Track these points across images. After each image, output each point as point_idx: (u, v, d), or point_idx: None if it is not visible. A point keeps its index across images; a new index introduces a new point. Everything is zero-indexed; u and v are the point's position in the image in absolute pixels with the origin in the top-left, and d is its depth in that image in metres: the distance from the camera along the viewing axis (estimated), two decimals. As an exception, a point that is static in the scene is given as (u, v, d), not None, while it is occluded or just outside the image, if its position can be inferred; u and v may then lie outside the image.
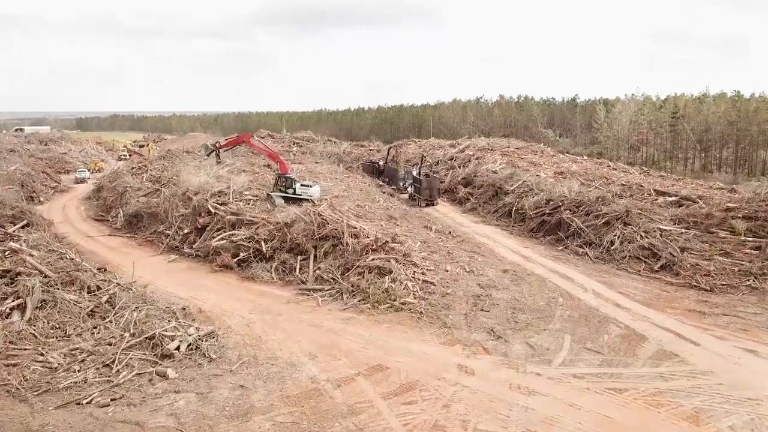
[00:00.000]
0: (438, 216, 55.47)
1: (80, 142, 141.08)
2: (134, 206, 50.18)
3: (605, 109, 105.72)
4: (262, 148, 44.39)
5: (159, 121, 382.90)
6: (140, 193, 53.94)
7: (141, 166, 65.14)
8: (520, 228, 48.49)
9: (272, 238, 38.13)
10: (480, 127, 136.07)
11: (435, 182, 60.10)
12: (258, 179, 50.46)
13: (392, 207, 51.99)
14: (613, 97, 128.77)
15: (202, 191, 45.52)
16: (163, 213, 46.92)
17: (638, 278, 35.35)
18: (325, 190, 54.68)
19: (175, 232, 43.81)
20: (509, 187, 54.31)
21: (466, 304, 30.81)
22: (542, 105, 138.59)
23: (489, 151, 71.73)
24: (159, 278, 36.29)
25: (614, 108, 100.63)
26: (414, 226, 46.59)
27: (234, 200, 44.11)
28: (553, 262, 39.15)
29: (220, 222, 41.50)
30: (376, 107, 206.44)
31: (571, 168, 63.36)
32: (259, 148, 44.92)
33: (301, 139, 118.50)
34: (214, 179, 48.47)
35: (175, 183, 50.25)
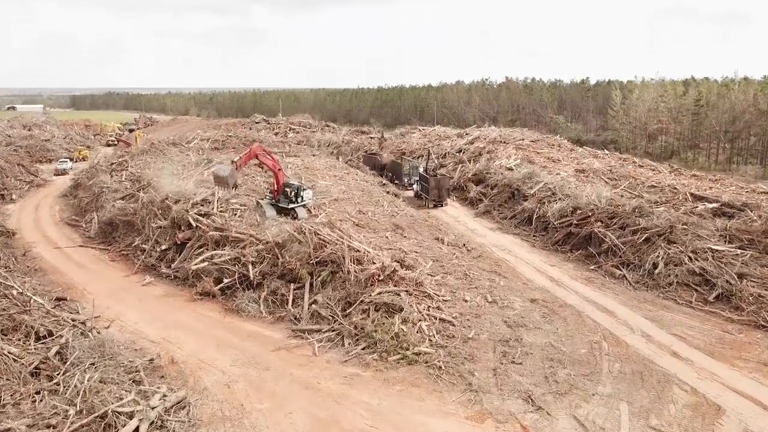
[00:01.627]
0: (448, 221, 50.08)
1: (67, 126, 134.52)
2: (109, 212, 44.63)
3: (621, 93, 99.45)
4: (269, 164, 39.19)
5: (154, 99, 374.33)
6: (117, 195, 48.36)
7: (121, 161, 59.43)
8: (542, 239, 43.14)
9: (261, 261, 32.73)
10: (486, 111, 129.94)
11: (444, 181, 54.56)
12: (247, 182, 44.86)
13: (398, 212, 46.51)
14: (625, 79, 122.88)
15: (183, 199, 39.98)
16: (139, 222, 41.44)
17: (691, 313, 30.08)
18: (323, 191, 49.20)
19: (152, 247, 38.36)
20: (528, 190, 48.79)
21: (494, 353, 25.55)
22: (550, 87, 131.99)
23: (501, 143, 66.05)
24: (129, 310, 30.97)
25: (632, 93, 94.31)
26: (424, 238, 41.18)
27: (219, 210, 38.58)
28: (586, 287, 33.87)
29: (202, 238, 36.03)
30: (376, 88, 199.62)
31: (593, 165, 57.84)
32: (267, 164, 39.67)
33: (298, 124, 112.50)
34: (196, 184, 42.85)
35: (155, 187, 44.63)
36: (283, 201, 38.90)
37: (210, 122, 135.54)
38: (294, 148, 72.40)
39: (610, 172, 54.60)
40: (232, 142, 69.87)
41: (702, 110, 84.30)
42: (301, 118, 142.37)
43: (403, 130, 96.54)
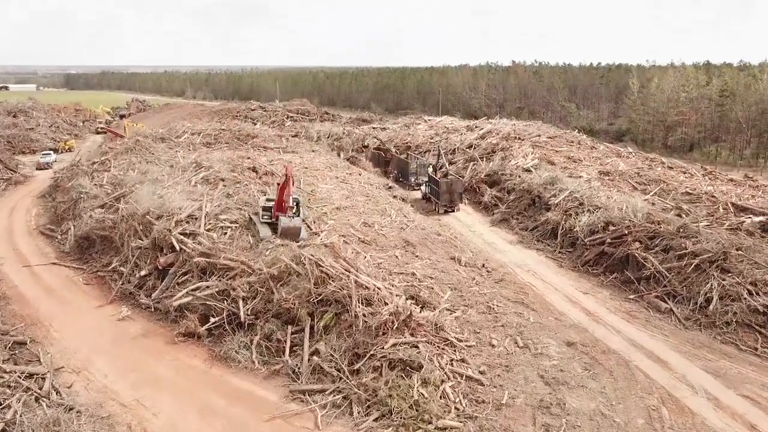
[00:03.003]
0: (461, 231, 45.51)
1: (55, 111, 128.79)
2: (86, 224, 39.94)
3: (638, 82, 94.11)
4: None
5: (149, 79, 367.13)
6: (96, 202, 43.59)
7: (104, 161, 54.53)
8: (570, 257, 38.63)
9: (253, 296, 28.19)
10: (492, 97, 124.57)
11: (457, 185, 49.85)
12: (239, 192, 40.10)
13: (407, 224, 41.84)
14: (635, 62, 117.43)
15: (167, 215, 35.28)
16: (118, 239, 36.81)
17: (758, 363, 25.71)
18: (324, 198, 44.56)
19: (131, 271, 33.76)
20: (551, 198, 44.12)
21: (533, 425, 21.13)
22: (559, 71, 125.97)
23: (516, 140, 61.17)
24: (100, 356, 26.51)
25: (650, 82, 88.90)
26: (438, 258, 36.59)
27: (206, 229, 33.92)
28: (629, 325, 29.42)
29: (187, 263, 31.43)
30: (377, 70, 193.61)
31: (618, 166, 53.11)
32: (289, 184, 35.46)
33: (296, 112, 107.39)
34: (182, 196, 38.12)
35: (136, 198, 39.89)
36: (286, 220, 33.48)
37: (205, 107, 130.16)
38: (292, 143, 67.40)
39: (638, 176, 49.94)
40: (224, 137, 64.86)
41: (727, 101, 79.32)
42: (299, 104, 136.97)
43: (407, 121, 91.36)
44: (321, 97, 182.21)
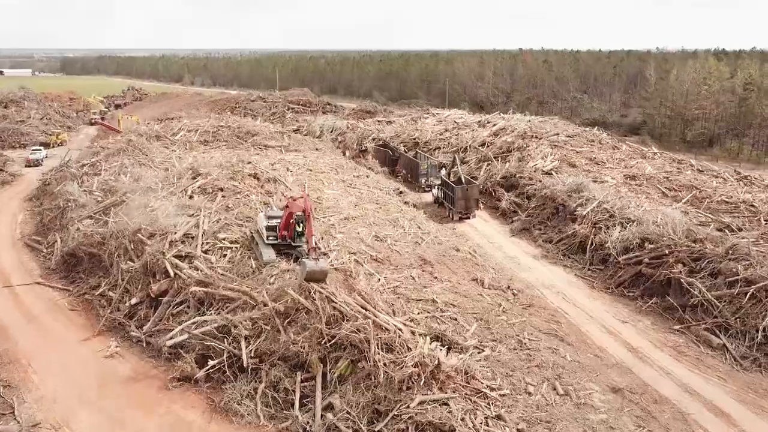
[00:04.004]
0: (480, 241, 42.25)
1: (49, 100, 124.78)
2: (73, 239, 36.61)
3: (655, 73, 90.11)
4: (298, 206, 30.19)
5: (146, 63, 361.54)
6: (84, 212, 40.25)
7: (94, 163, 51.02)
8: (602, 276, 35.40)
9: (257, 333, 24.95)
10: (500, 86, 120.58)
11: (473, 191, 46.49)
12: (240, 204, 36.67)
13: (422, 236, 38.50)
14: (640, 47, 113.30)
15: (159, 233, 31.96)
16: (107, 258, 33.51)
17: (835, 417, 22.48)
18: (331, 206, 41.18)
19: (120, 296, 30.52)
20: (577, 208, 40.74)
21: (588, 507, 17.95)
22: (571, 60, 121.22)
23: (533, 139, 57.62)
24: (82, 406, 23.39)
25: (669, 73, 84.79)
26: (459, 278, 33.29)
27: (203, 250, 30.60)
28: (679, 365, 26.26)
29: (183, 292, 28.17)
30: (379, 56, 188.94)
31: (645, 169, 49.69)
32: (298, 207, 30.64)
33: (297, 103, 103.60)
34: (177, 210, 34.74)
35: (127, 211, 36.55)
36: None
37: (203, 97, 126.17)
38: (294, 140, 63.84)
39: (667, 180, 46.54)
40: (223, 134, 61.30)
41: (752, 94, 75.54)
42: (300, 93, 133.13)
43: (414, 114, 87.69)
44: (322, 85, 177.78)
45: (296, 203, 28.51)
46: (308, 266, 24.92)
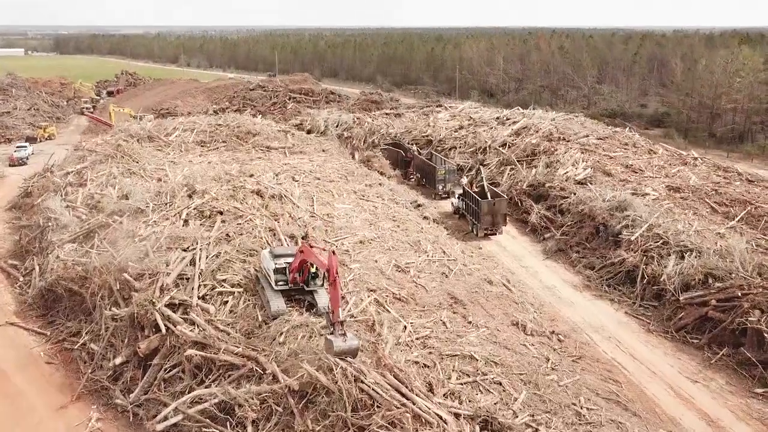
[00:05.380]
0: (510, 265, 37.84)
1: (38, 86, 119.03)
2: (53, 271, 32.02)
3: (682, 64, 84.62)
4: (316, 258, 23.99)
5: (140, 43, 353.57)
6: (66, 235, 35.62)
7: (80, 170, 46.17)
8: (657, 315, 30.97)
9: (267, 415, 20.53)
10: (510, 73, 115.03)
11: (500, 206, 41.87)
12: (242, 232, 31.94)
13: (448, 265, 33.99)
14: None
15: (149, 274, 27.39)
16: (89, 298, 29.00)
17: None
18: (344, 226, 36.59)
19: (104, 351, 26.10)
20: (622, 230, 36.10)
21: None
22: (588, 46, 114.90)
23: (561, 141, 52.76)
24: None
25: (698, 63, 79.21)
26: (497, 323, 28.84)
27: (200, 296, 26.06)
28: (772, 446, 21.88)
29: (176, 352, 23.72)
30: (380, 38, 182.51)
31: (689, 179, 45.01)
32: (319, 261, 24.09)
33: (298, 92, 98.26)
34: (170, 240, 30.11)
35: (113, 240, 31.95)
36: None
37: (199, 84, 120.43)
38: (298, 140, 58.91)
39: (716, 193, 41.91)
40: (221, 134, 56.37)
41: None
42: (301, 79, 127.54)
43: (424, 105, 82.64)
44: (323, 68, 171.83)
45: (316, 255, 23.62)
46: (336, 346, 20.43)
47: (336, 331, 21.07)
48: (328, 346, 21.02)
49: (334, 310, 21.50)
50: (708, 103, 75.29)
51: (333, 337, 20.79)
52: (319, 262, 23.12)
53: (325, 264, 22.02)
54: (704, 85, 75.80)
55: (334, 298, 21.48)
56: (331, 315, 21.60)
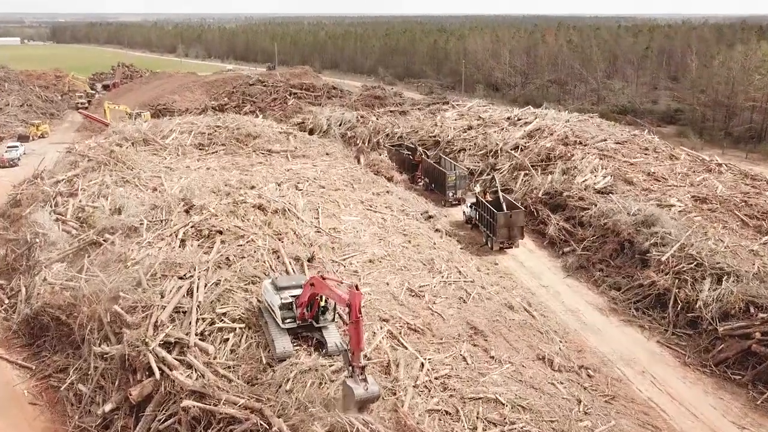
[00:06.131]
0: (530, 283, 35.49)
1: (31, 80, 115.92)
2: (39, 296, 29.69)
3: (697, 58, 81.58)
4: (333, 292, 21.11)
5: (138, 32, 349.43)
6: (54, 254, 33.25)
7: (71, 178, 43.62)
8: (693, 346, 28.64)
9: (275, 482, 18.23)
10: (517, 66, 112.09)
11: (517, 218, 39.42)
12: (244, 255, 29.49)
13: (465, 289, 31.64)
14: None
15: (141, 306, 25.02)
16: (77, 330, 26.65)
17: None
18: (352, 243, 34.21)
19: (93, 393, 23.80)
20: (650, 248, 33.71)
21: None
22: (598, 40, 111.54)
23: (578, 146, 50.22)
24: None
25: (715, 59, 76.17)
26: (521, 357, 26.54)
27: (197, 333, 23.71)
28: None
29: (172, 400, 21.38)
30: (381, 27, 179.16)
31: (715, 188, 42.59)
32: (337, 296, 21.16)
33: (299, 87, 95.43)
34: (165, 266, 27.71)
35: (104, 262, 29.58)
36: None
37: (197, 78, 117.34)
38: (300, 142, 56.32)
39: (746, 205, 39.50)
40: (220, 137, 53.74)
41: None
42: (301, 72, 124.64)
43: (431, 103, 79.99)
44: (323, 59, 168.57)
45: (332, 288, 21.11)
46: (357, 394, 18.29)
47: (356, 376, 18.91)
48: (347, 393, 18.92)
49: (355, 352, 19.25)
50: (723, 100, 72.65)
51: (353, 383, 18.67)
52: (337, 297, 20.71)
53: (345, 299, 19.72)
54: (720, 82, 73.16)
55: (355, 339, 19.22)
56: (351, 356, 19.36)
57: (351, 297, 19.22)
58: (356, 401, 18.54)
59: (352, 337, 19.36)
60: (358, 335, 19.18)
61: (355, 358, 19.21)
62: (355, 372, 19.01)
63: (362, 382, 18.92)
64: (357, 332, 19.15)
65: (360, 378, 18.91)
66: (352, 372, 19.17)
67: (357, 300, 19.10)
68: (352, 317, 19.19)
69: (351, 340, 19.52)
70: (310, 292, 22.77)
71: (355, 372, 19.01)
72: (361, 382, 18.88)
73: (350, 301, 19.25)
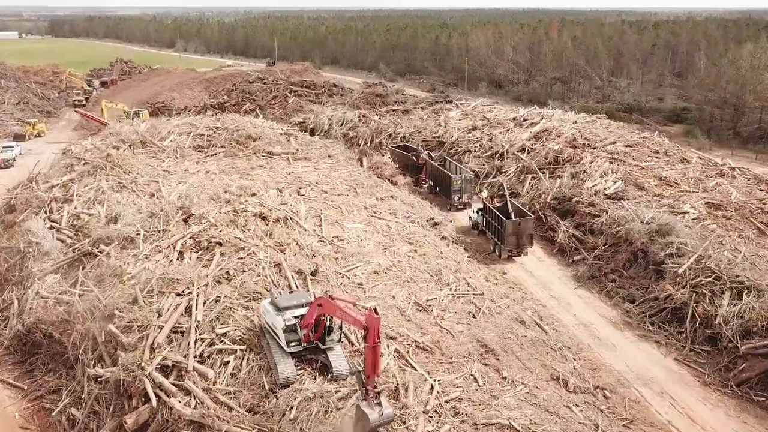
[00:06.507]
0: (540, 294, 34.32)
1: (28, 76, 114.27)
2: (31, 311, 28.56)
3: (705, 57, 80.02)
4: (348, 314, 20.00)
5: (137, 26, 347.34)
6: (48, 264, 32.10)
7: (66, 183, 42.39)
8: (712, 363, 27.53)
9: None
10: (520, 63, 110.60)
11: (527, 225, 38.24)
12: (245, 269, 28.33)
13: (475, 302, 30.55)
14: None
15: (137, 326, 23.88)
16: (70, 349, 25.52)
17: None
18: (356, 252, 33.07)
19: (86, 420, 22.65)
20: (666, 259, 32.56)
21: None
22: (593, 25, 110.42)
23: (586, 148, 48.99)
24: None
25: (723, 57, 74.66)
26: (534, 377, 25.48)
27: (196, 356, 22.58)
28: None
29: (169, 429, 20.26)
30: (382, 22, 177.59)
31: (729, 193, 41.41)
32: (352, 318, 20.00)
33: (300, 85, 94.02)
34: (162, 282, 26.53)
35: (99, 276, 28.44)
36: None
37: (196, 75, 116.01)
38: (302, 144, 55.10)
39: (762, 212, 38.33)
40: (219, 138, 52.52)
41: None
42: (302, 68, 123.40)
43: (434, 101, 78.69)
44: (323, 55, 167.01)
45: (345, 310, 20.19)
46: (372, 419, 17.56)
47: (370, 399, 18.16)
48: (361, 418, 18.17)
49: (370, 376, 18.46)
50: (732, 99, 71.34)
51: (367, 408, 17.94)
52: (351, 320, 19.89)
53: (362, 322, 18.89)
54: (729, 81, 71.81)
55: (372, 363, 18.42)
56: (366, 379, 18.55)
57: (369, 321, 18.38)
58: (371, 427, 17.69)
59: (369, 361, 18.58)
60: (375, 359, 18.48)
61: (370, 381, 18.50)
62: (370, 395, 18.21)
63: (377, 406, 18.13)
64: (374, 356, 18.44)
65: (374, 402, 18.11)
66: (366, 395, 18.41)
67: (376, 325, 18.31)
68: (370, 341, 18.38)
69: (366, 364, 18.73)
70: (317, 314, 21.66)
71: (369, 395, 18.22)
72: (375, 406, 18.07)
73: (368, 324, 18.40)
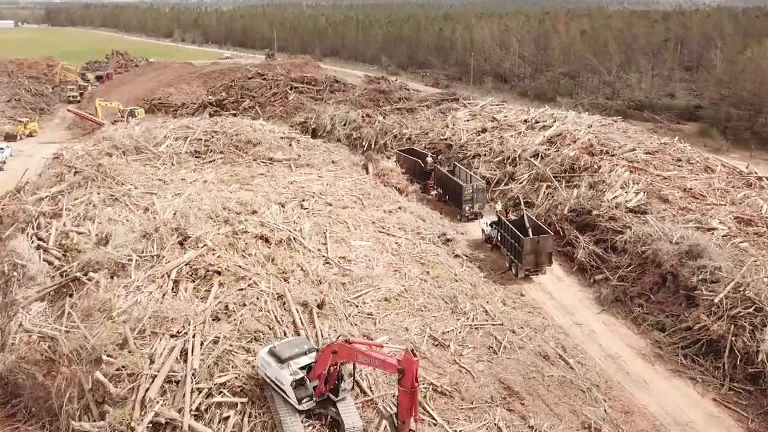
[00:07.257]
0: (561, 320, 32.07)
1: (22, 70, 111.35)
2: (13, 347, 26.30)
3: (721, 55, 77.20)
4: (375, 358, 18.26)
5: (134, 14, 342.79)
6: (33, 290, 29.79)
7: (55, 195, 39.98)
8: (755, 405, 25.38)
9: None
10: (526, 57, 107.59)
11: (546, 244, 35.91)
12: (245, 300, 26.01)
13: (495, 335, 28.26)
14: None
15: (128, 373, 21.60)
16: (55, 396, 23.23)
17: None
18: (364, 274, 30.76)
19: (71, 481, 20.39)
20: (698, 284, 30.26)
21: None
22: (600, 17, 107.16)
23: (604, 155, 46.54)
24: None
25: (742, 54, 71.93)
26: (566, 425, 23.21)
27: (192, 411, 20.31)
28: None
29: (162, 500, 18.03)
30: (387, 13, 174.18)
31: (759, 207, 39.09)
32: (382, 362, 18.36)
33: (300, 81, 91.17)
34: (155, 321, 24.23)
35: (87, 309, 26.14)
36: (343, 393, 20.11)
37: (194, 69, 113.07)
38: (304, 148, 52.61)
39: (798, 226, 35.98)
40: (218, 143, 50.03)
41: None
42: (302, 61, 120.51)
43: (441, 101, 76.10)
44: (323, 47, 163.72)
45: (371, 354, 18.48)
46: None
47: None
48: None
49: (405, 421, 17.53)
50: (749, 98, 68.75)
51: None
52: (380, 364, 18.64)
53: (394, 365, 17.51)
54: (747, 80, 69.22)
55: (409, 408, 17.46)
56: (400, 425, 17.59)
57: (406, 364, 17.04)
58: None
59: (404, 406, 17.57)
60: (412, 405, 17.42)
61: (405, 427, 17.55)
62: None
63: None
64: (412, 401, 17.38)
65: None
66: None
67: (414, 367, 17.04)
68: (407, 385, 17.20)
69: (401, 408, 17.74)
70: (331, 362, 19.45)
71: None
72: None
73: (404, 367, 17.09)
